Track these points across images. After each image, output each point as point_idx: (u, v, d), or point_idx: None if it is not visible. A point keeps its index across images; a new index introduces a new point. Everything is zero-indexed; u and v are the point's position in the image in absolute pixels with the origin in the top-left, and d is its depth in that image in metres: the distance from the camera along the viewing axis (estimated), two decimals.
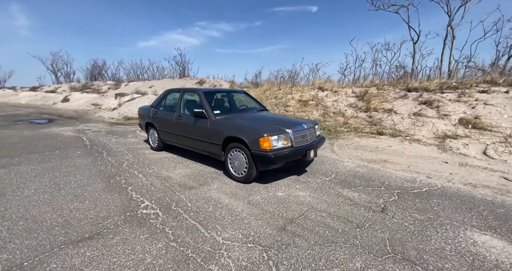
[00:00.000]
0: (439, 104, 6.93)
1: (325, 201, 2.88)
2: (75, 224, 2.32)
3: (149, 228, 2.27)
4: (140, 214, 2.52)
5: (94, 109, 13.59)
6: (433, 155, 4.60)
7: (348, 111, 8.00)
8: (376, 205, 2.80)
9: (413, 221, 2.45)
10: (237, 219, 2.46)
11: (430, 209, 2.69)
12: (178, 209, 2.63)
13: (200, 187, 3.23)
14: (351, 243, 2.10)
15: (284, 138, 3.22)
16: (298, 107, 9.04)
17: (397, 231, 2.27)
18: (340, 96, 9.47)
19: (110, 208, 2.63)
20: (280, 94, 10.47)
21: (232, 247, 2.02)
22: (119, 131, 7.39)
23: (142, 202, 2.79)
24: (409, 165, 4.16)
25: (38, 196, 2.91)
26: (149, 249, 1.97)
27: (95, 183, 3.33)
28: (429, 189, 3.21)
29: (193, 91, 4.34)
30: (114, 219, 2.42)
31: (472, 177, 3.61)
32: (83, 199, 2.83)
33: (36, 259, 1.85)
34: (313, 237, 2.18)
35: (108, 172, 3.77)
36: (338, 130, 6.59)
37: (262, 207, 2.72)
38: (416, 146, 5.09)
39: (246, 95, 5.06)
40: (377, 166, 4.12)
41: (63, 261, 1.82)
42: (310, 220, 2.47)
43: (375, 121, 6.77)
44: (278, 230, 2.28)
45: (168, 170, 3.87)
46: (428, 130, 5.78)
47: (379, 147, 5.18)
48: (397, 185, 3.35)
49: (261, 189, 3.21)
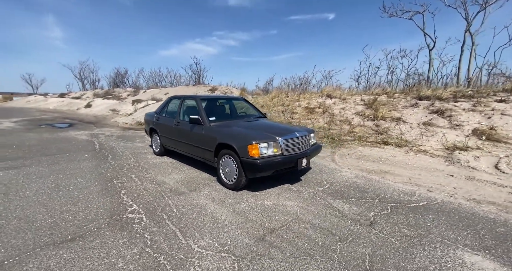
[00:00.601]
0: (452, 114, 6.57)
1: (312, 212, 2.78)
2: (62, 225, 2.39)
3: (130, 232, 2.29)
4: (125, 218, 2.55)
5: (112, 114, 14.20)
6: (439, 167, 4.32)
7: (355, 119, 7.78)
8: (365, 218, 2.65)
9: (401, 237, 2.29)
10: (218, 227, 2.43)
11: (423, 225, 2.51)
12: (163, 215, 2.64)
13: (190, 193, 3.24)
14: (328, 257, 2.00)
15: (274, 145, 3.18)
16: (305, 114, 8.92)
17: (381, 247, 2.13)
18: (348, 103, 9.25)
19: (98, 211, 2.69)
20: (287, 101, 10.41)
21: (205, 256, 1.98)
22: (129, 136, 7.64)
23: (131, 206, 2.83)
24: (411, 177, 3.94)
25: (37, 197, 3.04)
26: (123, 254, 1.98)
27: (93, 186, 3.44)
28: (427, 204, 3.00)
29: (191, 98, 4.42)
30: (99, 222, 2.47)
31: (477, 192, 3.35)
32: (77, 201, 2.92)
33: (16, 258, 1.91)
34: (290, 249, 2.10)
35: (107, 175, 3.89)
36: (342, 139, 6.40)
37: (246, 215, 2.67)
38: (421, 158, 4.82)
39: (246, 102, 5.08)
40: (376, 177, 3.94)
41: (40, 262, 1.87)
42: (292, 231, 2.38)
43: (381, 130, 6.52)
44: (256, 240, 2.22)
45: (164, 175, 3.92)
46: (437, 141, 5.47)
47: (382, 157, 4.96)
48: (393, 198, 3.17)
49: (250, 197, 3.16)
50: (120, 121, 11.09)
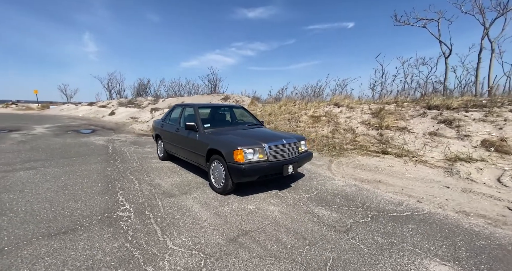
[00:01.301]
0: (461, 124, 6.30)
1: (291, 216, 2.83)
2: (59, 220, 2.64)
3: (116, 228, 2.49)
4: (115, 216, 2.76)
5: (131, 121, 15.01)
6: (437, 178, 4.16)
7: (359, 128, 7.66)
8: (342, 225, 2.66)
9: (372, 244, 2.28)
10: (196, 227, 2.55)
11: (399, 234, 2.47)
12: (150, 214, 2.82)
13: (180, 196, 3.41)
14: (292, 259, 2.04)
15: (259, 151, 3.28)
16: (310, 122, 8.91)
17: (348, 252, 2.14)
18: (355, 112, 9.13)
19: (94, 209, 2.93)
20: (295, 110, 10.46)
21: (177, 253, 2.11)
22: (141, 142, 8.07)
23: (123, 205, 3.05)
24: (404, 187, 3.84)
25: (46, 194, 3.36)
26: (104, 247, 2.16)
27: (96, 186, 3.72)
28: (412, 214, 2.93)
29: (190, 106, 4.66)
30: (92, 218, 2.70)
31: (470, 204, 3.20)
32: (78, 199, 3.19)
33: (15, 245, 2.16)
34: (258, 250, 2.17)
35: (111, 177, 4.18)
36: (343, 147, 6.33)
37: (226, 218, 2.77)
38: (420, 168, 4.66)
39: (244, 110, 5.24)
40: (368, 186, 3.89)
41: (34, 250, 2.10)
42: (265, 234, 2.45)
43: (384, 140, 6.37)
44: (229, 240, 2.32)
45: (161, 178, 4.14)
46: (440, 152, 5.26)
47: (380, 167, 4.86)
48: (377, 207, 3.13)
49: (236, 201, 3.26)
50: (137, 128, 11.73)
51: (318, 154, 6.09)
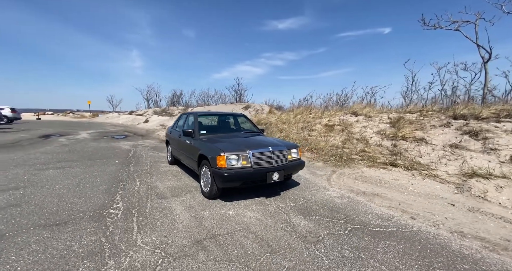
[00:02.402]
0: (488, 135, 5.60)
1: (265, 224, 2.78)
2: (59, 213, 2.96)
3: (100, 224, 2.70)
4: (106, 213, 2.99)
5: (160, 128, 16.06)
6: (443, 195, 3.73)
7: (373, 138, 7.21)
8: (314, 235, 2.54)
9: (336, 257, 2.14)
10: (170, 228, 2.65)
11: (372, 249, 2.28)
12: (135, 213, 3.00)
13: (170, 198, 3.56)
14: (246, 265, 2.02)
15: (243, 158, 3.31)
16: (323, 131, 8.64)
17: (306, 263, 2.04)
18: (372, 122, 8.65)
19: (91, 205, 3.21)
20: (310, 118, 10.24)
21: (141, 250, 2.22)
22: (160, 147, 8.59)
23: (117, 203, 3.29)
24: (402, 202, 3.52)
25: (60, 190, 3.77)
26: (82, 240, 2.36)
27: (102, 185, 4.07)
28: (397, 230, 2.68)
29: (192, 114, 4.89)
30: (85, 213, 2.96)
31: (472, 225, 2.81)
32: (82, 196, 3.53)
33: (15, 232, 2.47)
34: (217, 253, 2.18)
35: (119, 178, 4.53)
36: (351, 158, 6.01)
37: (201, 221, 2.83)
38: (428, 183, 4.22)
39: (245, 118, 5.32)
40: (362, 199, 3.64)
41: (26, 237, 2.38)
42: (232, 238, 2.45)
43: (396, 151, 5.90)
44: (194, 242, 2.36)
45: (161, 181, 4.37)
46: (458, 166, 4.70)
47: (383, 179, 4.51)
48: (362, 220, 2.92)
49: (218, 205, 3.31)
50: (161, 134, 12.51)
51: (322, 164, 5.87)
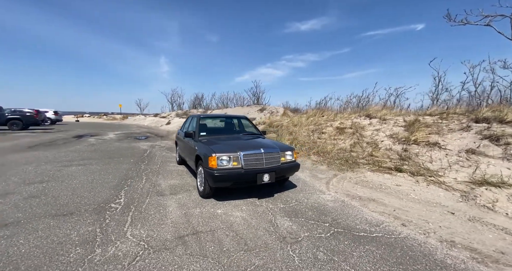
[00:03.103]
0: (510, 141, 5.11)
1: (249, 223, 2.84)
2: (69, 205, 3.28)
3: (100, 216, 2.95)
4: (107, 207, 3.26)
5: None
6: (446, 203, 3.50)
7: (385, 142, 6.90)
8: (294, 236, 2.55)
9: (308, 258, 2.15)
10: (159, 223, 2.82)
11: (348, 253, 2.24)
12: (133, 208, 3.23)
13: (168, 195, 3.76)
14: (218, 260, 2.11)
15: (234, 159, 3.40)
16: (333, 135, 8.44)
17: (276, 262, 2.08)
18: (386, 124, 8.28)
19: (96, 199, 3.51)
20: (322, 121, 10.05)
21: (127, 241, 2.40)
22: (174, 148, 8.99)
23: (120, 199, 3.56)
24: (398, 208, 3.37)
25: (75, 185, 4.16)
26: (80, 229, 2.61)
27: (113, 181, 4.41)
28: (382, 236, 2.59)
29: (196, 116, 5.10)
30: (90, 206, 3.25)
31: (467, 235, 2.62)
32: (92, 191, 3.86)
33: (28, 219, 2.80)
34: (194, 248, 2.29)
35: (129, 175, 4.87)
36: (356, 162, 5.82)
37: (189, 218, 2.97)
38: (432, 189, 3.97)
39: (247, 121, 5.42)
40: (356, 204, 3.55)
41: (37, 224, 2.69)
42: (212, 236, 2.55)
43: (406, 156, 5.60)
44: (176, 237, 2.50)
45: (165, 180, 4.62)
46: (470, 173, 4.34)
47: (385, 185, 4.33)
48: (347, 224, 2.86)
49: (210, 204, 3.43)
50: None
51: (326, 167, 5.76)
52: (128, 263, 2.04)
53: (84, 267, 1.96)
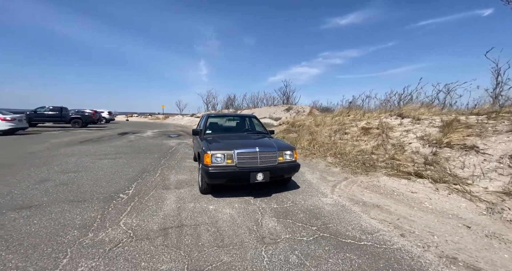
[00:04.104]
0: None
1: (234, 221, 2.83)
2: (86, 192, 3.68)
3: (105, 204, 3.25)
4: (116, 196, 3.57)
5: None
6: (464, 215, 2.99)
7: (413, 144, 6.18)
8: (274, 237, 2.47)
9: (278, 260, 2.06)
10: (152, 214, 2.99)
11: (324, 259, 2.08)
12: (136, 199, 3.48)
13: (172, 189, 3.96)
14: (189, 254, 2.15)
15: (228, 157, 3.42)
16: (357, 135, 7.86)
17: (244, 261, 2.04)
18: (420, 125, 7.43)
19: (110, 189, 3.87)
20: (347, 121, 9.43)
21: (117, 229, 2.60)
22: None
23: (129, 190, 3.87)
24: (404, 217, 2.99)
25: (100, 176, 4.65)
26: (85, 215, 2.91)
27: (131, 174, 4.82)
28: (371, 245, 2.34)
29: (205, 116, 5.26)
30: (101, 195, 3.60)
31: (477, 253, 2.20)
32: (110, 182, 4.27)
33: (50, 203, 3.23)
34: (172, 240, 2.38)
35: (147, 169, 5.26)
36: (374, 165, 5.33)
37: (181, 212, 3.08)
38: (453, 199, 3.42)
39: (255, 120, 5.38)
40: (357, 209, 3.26)
41: (54, 208, 3.08)
42: (195, 230, 2.61)
43: (433, 160, 4.93)
44: (161, 229, 2.62)
45: (176, 175, 4.87)
46: (506, 182, 3.62)
47: (398, 191, 3.88)
48: (337, 230, 2.65)
49: (205, 200, 3.51)
50: None
51: (340, 169, 5.41)
52: (109, 249, 2.21)
53: (72, 248, 2.19)
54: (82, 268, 1.92)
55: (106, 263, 1.99)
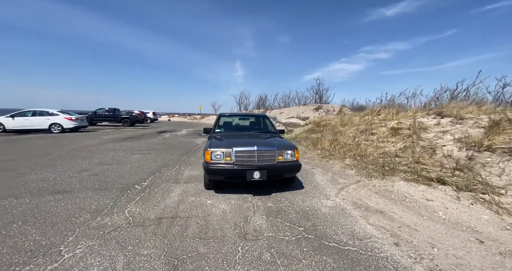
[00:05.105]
0: None
1: (224, 216, 2.92)
2: (109, 182, 4.18)
3: (120, 193, 3.65)
4: (131, 187, 3.97)
5: None
6: (482, 228, 2.55)
7: (447, 146, 5.44)
8: (256, 235, 2.49)
9: (251, 256, 2.09)
10: (155, 205, 3.25)
11: (297, 260, 2.03)
12: (147, 190, 3.83)
13: (181, 183, 4.23)
14: (171, 242, 2.31)
15: (227, 154, 3.52)
16: (384, 136, 7.22)
17: (217, 253, 2.12)
18: (462, 125, 6.53)
19: (130, 180, 4.32)
20: (376, 120, 8.72)
21: (121, 215, 2.91)
22: None
23: (145, 182, 4.26)
24: (407, 226, 2.70)
25: (126, 169, 5.21)
26: (100, 202, 3.31)
27: (152, 168, 5.29)
28: (355, 251, 2.19)
29: (218, 115, 5.44)
30: (121, 185, 4.04)
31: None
32: (133, 174, 4.76)
33: (79, 189, 3.76)
34: (162, 229, 2.57)
35: (167, 164, 5.70)
36: (394, 168, 4.85)
37: (179, 204, 3.29)
38: (475, 210, 2.93)
39: (265, 119, 5.38)
40: (356, 214, 3.06)
41: (79, 194, 3.58)
42: (185, 221, 2.77)
43: (466, 165, 4.27)
44: (157, 218, 2.85)
45: (190, 170, 5.17)
46: None
47: (410, 197, 3.49)
48: (324, 233, 2.54)
49: (206, 195, 3.67)
50: None
51: (355, 172, 5.07)
52: (107, 232, 2.50)
53: (80, 229, 2.55)
54: (80, 246, 2.22)
55: (100, 244, 2.26)
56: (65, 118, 13.71)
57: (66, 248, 2.18)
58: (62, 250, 2.14)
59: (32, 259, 2.01)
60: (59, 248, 2.17)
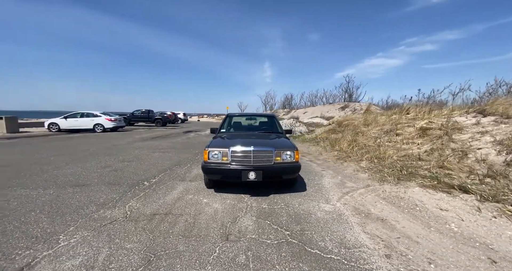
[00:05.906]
0: None
1: (214, 216, 2.94)
2: (123, 178, 4.51)
3: (129, 189, 3.91)
4: (141, 183, 4.23)
5: None
6: (501, 246, 2.14)
7: (483, 150, 4.72)
8: (239, 236, 2.45)
9: (226, 257, 2.06)
10: (155, 201, 3.41)
11: (271, 264, 1.96)
12: (154, 186, 4.04)
13: (186, 181, 4.38)
14: (154, 238, 2.39)
15: (224, 154, 3.54)
16: (411, 137, 6.53)
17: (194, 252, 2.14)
18: (508, 124, 5.64)
19: (142, 177, 4.61)
20: (404, 120, 7.94)
21: (121, 209, 3.11)
22: None
23: (154, 178, 4.51)
24: (407, 237, 2.41)
25: (143, 166, 5.57)
26: (109, 195, 3.59)
27: (166, 165, 5.57)
28: (337, 260, 2.03)
29: (226, 115, 5.49)
30: (132, 181, 4.33)
31: None
32: (146, 171, 5.07)
33: (95, 183, 4.13)
34: (152, 224, 2.69)
35: (181, 162, 5.95)
36: (412, 173, 4.36)
37: (176, 202, 3.39)
38: (497, 224, 2.47)
39: (272, 119, 5.26)
40: (354, 220, 2.83)
41: (94, 187, 3.93)
42: (176, 218, 2.85)
43: (500, 172, 3.65)
44: (152, 214, 2.99)
45: (199, 169, 5.31)
46: None
47: (421, 206, 3.09)
48: (310, 238, 2.40)
49: (205, 193, 3.73)
50: None
51: (367, 176, 4.70)
52: (104, 224, 2.70)
53: (82, 220, 2.79)
54: (77, 236, 2.44)
55: (93, 235, 2.45)
56: (106, 119, 15.23)
57: (64, 237, 2.40)
58: (60, 239, 2.37)
59: (34, 244, 2.26)
60: (59, 237, 2.40)
